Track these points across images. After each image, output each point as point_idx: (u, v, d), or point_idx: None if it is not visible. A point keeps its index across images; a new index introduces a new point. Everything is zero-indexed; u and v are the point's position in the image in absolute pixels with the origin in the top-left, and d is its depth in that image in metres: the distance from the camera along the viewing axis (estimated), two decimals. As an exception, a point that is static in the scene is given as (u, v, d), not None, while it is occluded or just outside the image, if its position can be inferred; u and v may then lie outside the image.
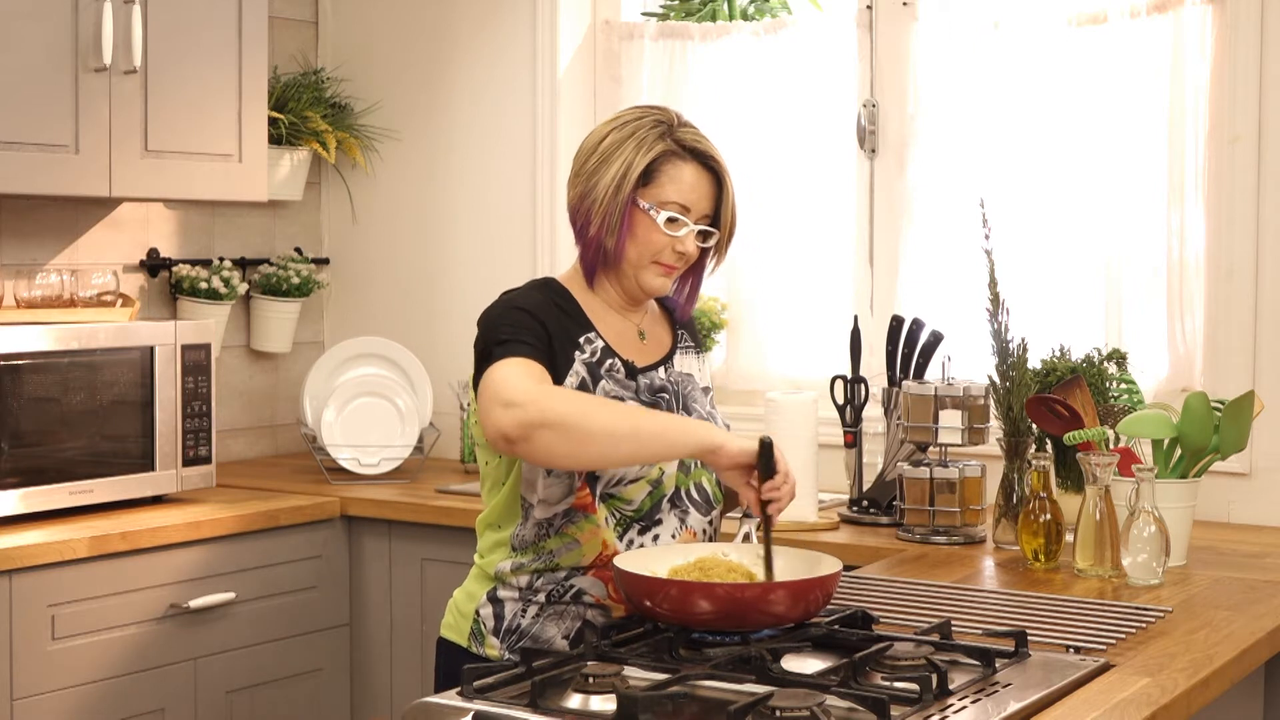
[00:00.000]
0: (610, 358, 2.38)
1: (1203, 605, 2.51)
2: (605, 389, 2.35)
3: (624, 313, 2.46)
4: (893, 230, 3.74)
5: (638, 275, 2.39)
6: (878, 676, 1.95)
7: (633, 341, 2.44)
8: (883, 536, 3.13)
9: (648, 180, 2.36)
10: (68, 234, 3.84)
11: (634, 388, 2.38)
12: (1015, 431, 2.94)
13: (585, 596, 2.34)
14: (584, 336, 2.37)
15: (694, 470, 2.40)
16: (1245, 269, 3.31)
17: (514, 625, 2.36)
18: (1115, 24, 3.46)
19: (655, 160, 2.36)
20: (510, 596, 2.37)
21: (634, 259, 2.38)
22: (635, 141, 2.37)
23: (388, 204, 4.41)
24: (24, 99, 3.33)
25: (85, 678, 3.17)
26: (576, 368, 2.34)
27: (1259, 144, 3.27)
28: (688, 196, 2.37)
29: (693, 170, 2.38)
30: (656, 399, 2.41)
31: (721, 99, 3.95)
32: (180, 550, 3.33)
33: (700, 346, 2.56)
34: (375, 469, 3.89)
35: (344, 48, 4.44)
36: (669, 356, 2.48)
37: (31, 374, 3.32)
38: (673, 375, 2.45)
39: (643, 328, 2.48)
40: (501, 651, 2.35)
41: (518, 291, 2.41)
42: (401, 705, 3.48)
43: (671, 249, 2.38)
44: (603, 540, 2.33)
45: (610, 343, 2.39)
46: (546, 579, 2.35)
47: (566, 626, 2.34)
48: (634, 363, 2.40)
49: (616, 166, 2.36)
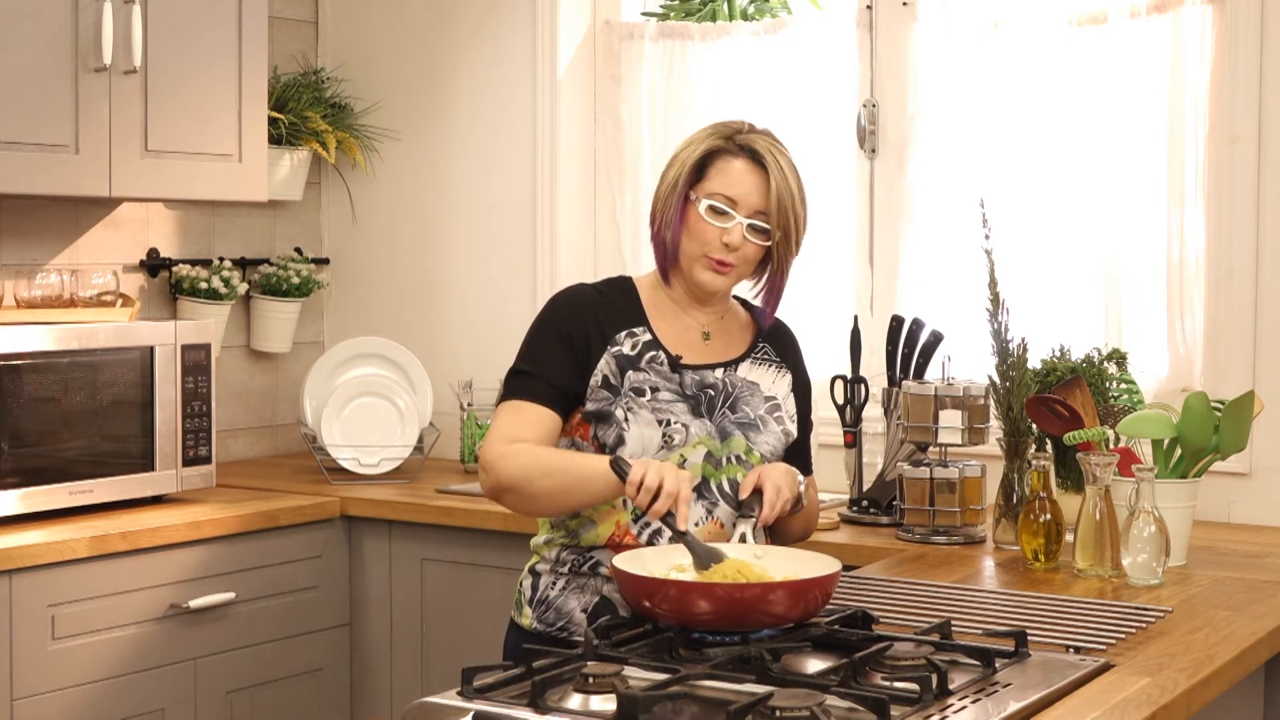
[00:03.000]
0: (655, 350, 2.49)
1: (1203, 605, 2.51)
2: (634, 379, 2.45)
3: (692, 312, 2.56)
4: (893, 230, 3.74)
5: (691, 271, 2.49)
6: (878, 676, 1.95)
7: (693, 340, 2.54)
8: (883, 536, 3.13)
9: (699, 176, 2.47)
10: (68, 234, 3.84)
11: (677, 381, 2.48)
12: (1015, 431, 2.94)
13: (601, 568, 2.46)
14: (629, 330, 2.49)
15: (727, 465, 2.48)
16: (1245, 269, 3.31)
17: (544, 596, 2.50)
18: (1115, 24, 3.46)
19: (706, 155, 2.48)
20: (545, 569, 2.52)
21: (687, 252, 2.48)
22: (695, 142, 2.50)
23: (388, 204, 4.41)
24: (24, 99, 3.33)
25: (85, 678, 3.17)
26: (602, 364, 2.46)
27: (1259, 144, 3.27)
28: (735, 189, 2.45)
29: (742, 164, 2.47)
30: (701, 394, 2.49)
31: (721, 99, 3.94)
32: (180, 550, 3.33)
33: (785, 363, 2.62)
34: (375, 469, 3.88)
35: (344, 48, 4.44)
36: (735, 362, 2.55)
37: (31, 374, 3.32)
38: (732, 378, 2.53)
39: (711, 329, 2.56)
40: (533, 621, 2.50)
41: (571, 290, 2.55)
42: (401, 705, 3.48)
43: (719, 242, 2.45)
44: (617, 521, 2.45)
45: (661, 337, 2.50)
46: (570, 551, 2.49)
47: (586, 600, 2.46)
48: (681, 358, 2.49)
49: (676, 166, 2.50)
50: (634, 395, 2.44)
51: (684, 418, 2.46)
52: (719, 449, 2.48)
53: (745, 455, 2.50)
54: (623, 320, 2.50)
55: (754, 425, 2.52)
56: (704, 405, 2.48)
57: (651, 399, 2.45)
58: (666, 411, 2.45)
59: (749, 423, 2.51)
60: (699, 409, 2.48)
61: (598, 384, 2.46)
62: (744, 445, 2.50)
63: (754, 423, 2.52)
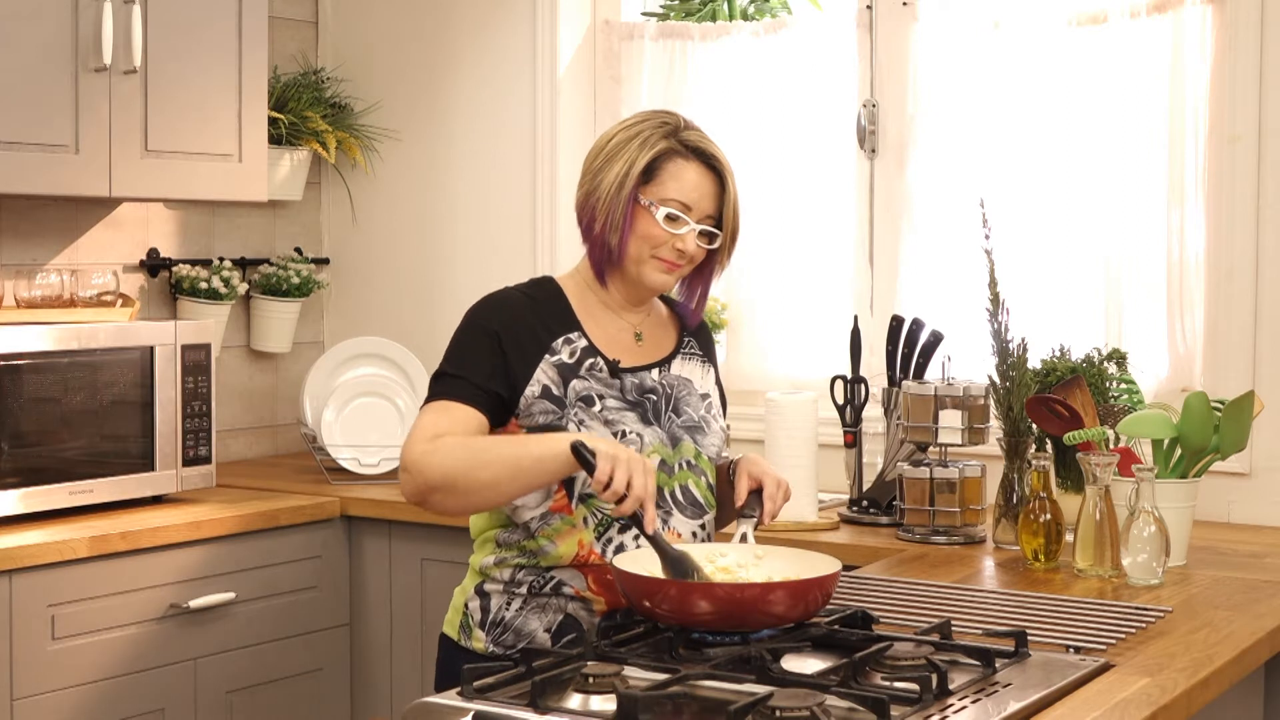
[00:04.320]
0: (592, 357, 2.40)
1: (1203, 605, 2.51)
2: (578, 389, 2.37)
3: (623, 313, 2.48)
4: (893, 230, 3.74)
5: (640, 271, 2.42)
6: (878, 676, 1.95)
7: (626, 342, 2.47)
8: (883, 536, 3.13)
9: (650, 178, 2.39)
10: (68, 234, 3.84)
11: (618, 386, 2.41)
12: (1015, 431, 2.94)
13: (565, 588, 2.37)
14: (564, 337, 2.40)
15: (680, 472, 2.42)
16: (1245, 269, 3.31)
17: (499, 618, 2.40)
18: (1115, 24, 3.46)
19: (657, 158, 2.39)
20: (496, 590, 2.41)
21: (635, 255, 2.41)
22: (639, 140, 2.40)
23: (388, 204, 4.41)
24: (24, 99, 3.33)
25: (85, 678, 3.17)
26: (540, 373, 2.37)
27: (1259, 144, 3.27)
28: (689, 195, 2.39)
29: (695, 170, 2.40)
30: (644, 399, 2.42)
31: (721, 99, 3.95)
32: (180, 550, 3.33)
33: (708, 357, 2.57)
34: (375, 469, 3.89)
35: (344, 48, 4.44)
36: (667, 360, 2.49)
37: (31, 374, 3.32)
38: (667, 378, 2.47)
39: (641, 329, 2.50)
40: (487, 644, 2.40)
41: (498, 294, 2.45)
42: (401, 705, 3.48)
43: (671, 246, 2.40)
44: (579, 540, 2.36)
45: (596, 342, 2.42)
46: (528, 572, 2.39)
47: (549, 619, 2.37)
48: (619, 362, 2.42)
49: (620, 165, 2.39)
50: (583, 406, 2.37)
51: (636, 427, 2.39)
52: (671, 456, 2.42)
53: (695, 460, 2.44)
54: (557, 325, 2.41)
55: (699, 428, 2.46)
56: (650, 412, 2.42)
57: (602, 409, 2.38)
58: (619, 422, 2.38)
59: (694, 425, 2.45)
60: (647, 416, 2.41)
61: (536, 394, 2.36)
62: (693, 450, 2.44)
63: (698, 425, 2.46)
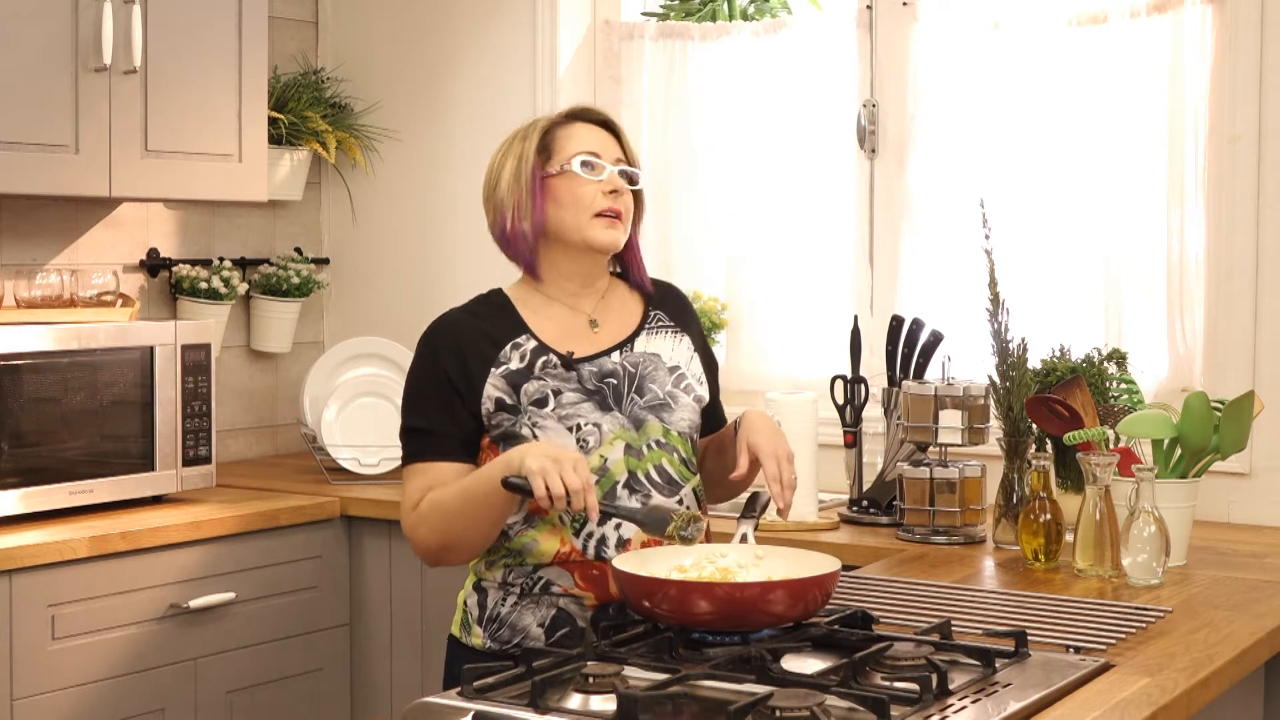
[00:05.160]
0: (545, 354, 2.42)
1: (1203, 605, 2.51)
2: (530, 391, 2.38)
3: (573, 302, 2.49)
4: (893, 230, 3.74)
5: (585, 237, 2.43)
6: (878, 676, 1.95)
7: (580, 332, 2.47)
8: (883, 536, 3.13)
9: (547, 153, 2.43)
10: (68, 234, 3.84)
11: (575, 378, 2.41)
12: (1015, 431, 2.94)
13: (554, 587, 2.40)
14: (511, 343, 2.42)
15: (650, 453, 2.42)
16: (1245, 269, 3.31)
17: (495, 614, 2.43)
18: (1115, 24, 3.46)
19: (544, 136, 2.44)
20: (492, 586, 2.45)
21: (572, 223, 2.42)
22: (519, 138, 2.46)
23: (388, 204, 4.41)
24: (24, 99, 3.33)
25: (85, 678, 3.17)
26: (489, 388, 2.39)
27: (1259, 144, 3.27)
28: (592, 145, 2.44)
29: (584, 127, 2.46)
30: (603, 385, 2.42)
31: (721, 99, 3.95)
32: (180, 550, 3.33)
33: (680, 325, 2.55)
34: (375, 469, 3.89)
35: (344, 48, 4.44)
36: (628, 341, 2.49)
37: (31, 374, 3.32)
38: (629, 359, 2.46)
39: (596, 315, 2.50)
40: (485, 640, 2.42)
41: (443, 319, 2.47)
42: (401, 705, 3.47)
43: (601, 193, 2.42)
44: (560, 538, 2.39)
45: (546, 340, 2.43)
46: (518, 573, 2.42)
47: (542, 614, 2.40)
48: (573, 354, 2.43)
49: (510, 162, 2.44)
50: (535, 408, 2.37)
51: (593, 416, 2.39)
52: (636, 439, 2.41)
53: (664, 438, 2.43)
54: (504, 334, 2.42)
55: (664, 405, 2.44)
56: (610, 397, 2.41)
57: (556, 406, 2.38)
58: (574, 416, 2.38)
59: (659, 404, 2.44)
60: (606, 403, 2.41)
61: (491, 409, 2.38)
62: (660, 429, 2.43)
63: (664, 402, 2.44)
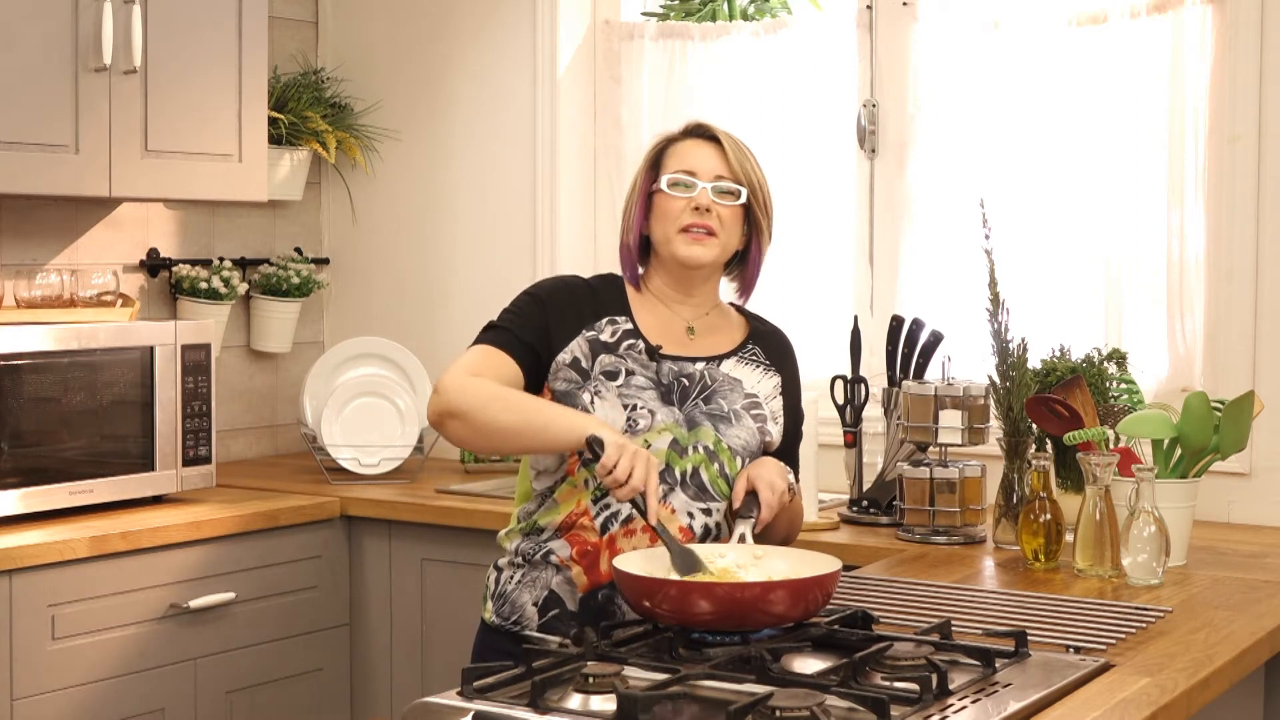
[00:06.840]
0: (634, 338, 2.50)
1: (1203, 605, 2.51)
2: (605, 363, 2.46)
3: (675, 307, 2.57)
4: (893, 230, 3.74)
5: (672, 252, 2.51)
6: (878, 676, 1.95)
7: (676, 335, 2.55)
8: (883, 536, 3.13)
9: (657, 169, 2.54)
10: (68, 234, 3.84)
11: (654, 369, 2.49)
12: (1015, 431, 2.94)
13: (552, 557, 2.46)
14: (610, 318, 2.51)
15: (693, 454, 2.46)
16: (1245, 269, 3.31)
17: (501, 590, 2.51)
18: (1115, 24, 3.46)
19: (659, 151, 2.56)
20: (505, 564, 2.52)
21: (662, 237, 2.52)
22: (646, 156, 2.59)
23: (388, 204, 4.41)
24: (24, 99, 3.33)
25: (85, 678, 3.17)
26: (574, 345, 2.48)
27: (1259, 144, 3.27)
28: (691, 163, 2.52)
29: (691, 143, 2.55)
30: (676, 382, 2.50)
31: (721, 99, 3.94)
32: (180, 550, 3.33)
33: (775, 366, 2.62)
34: (375, 469, 3.89)
35: (344, 48, 4.44)
36: (718, 358, 2.56)
37: (31, 374, 3.32)
38: (712, 372, 2.53)
39: (694, 324, 2.57)
40: (492, 615, 2.51)
41: (563, 275, 2.62)
42: (401, 705, 3.47)
43: (688, 210, 2.49)
44: (577, 500, 2.45)
45: (643, 328, 2.52)
46: (530, 541, 2.49)
47: (536, 594, 2.47)
48: (660, 347, 2.51)
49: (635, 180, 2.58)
50: (604, 379, 2.46)
51: (651, 404, 2.46)
52: (685, 437, 2.46)
53: (714, 446, 2.48)
54: (605, 309, 2.53)
55: (725, 418, 2.50)
56: (676, 394, 2.49)
57: (624, 383, 2.46)
58: (635, 397, 2.46)
59: (721, 415, 2.50)
60: (669, 397, 2.48)
61: (565, 361, 2.47)
62: (713, 436, 2.48)
63: (726, 415, 2.50)
